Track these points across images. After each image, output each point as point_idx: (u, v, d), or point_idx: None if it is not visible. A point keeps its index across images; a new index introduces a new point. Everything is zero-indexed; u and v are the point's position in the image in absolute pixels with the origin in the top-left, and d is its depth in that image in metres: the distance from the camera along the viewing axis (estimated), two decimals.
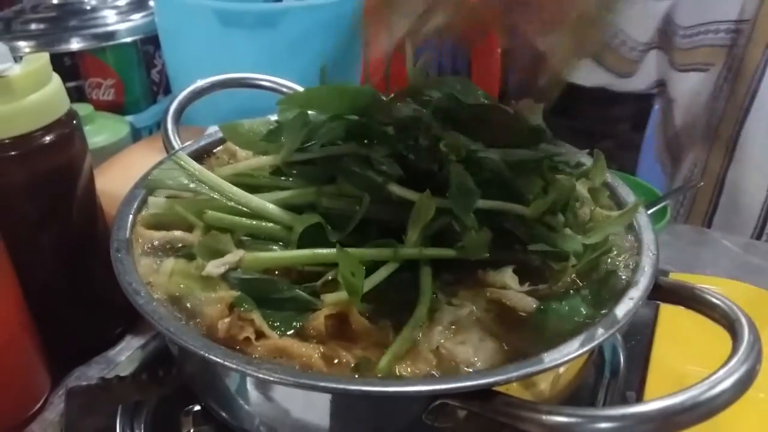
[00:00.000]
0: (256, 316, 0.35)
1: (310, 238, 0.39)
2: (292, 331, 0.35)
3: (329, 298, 0.36)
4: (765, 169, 0.80)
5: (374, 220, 0.40)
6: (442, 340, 0.35)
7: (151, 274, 0.39)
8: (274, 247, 0.40)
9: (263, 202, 0.41)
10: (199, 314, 0.36)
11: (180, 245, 0.41)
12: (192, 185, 0.42)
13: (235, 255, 0.37)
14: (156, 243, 0.41)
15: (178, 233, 0.41)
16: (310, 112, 0.44)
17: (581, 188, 0.45)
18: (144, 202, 0.44)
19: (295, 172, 0.44)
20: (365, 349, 0.35)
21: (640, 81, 0.96)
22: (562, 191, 0.40)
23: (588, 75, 0.98)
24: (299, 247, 0.39)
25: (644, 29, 0.90)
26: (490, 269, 0.39)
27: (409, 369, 0.34)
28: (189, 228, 0.42)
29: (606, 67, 0.96)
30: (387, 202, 0.40)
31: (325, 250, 0.38)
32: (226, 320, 0.34)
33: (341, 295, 0.35)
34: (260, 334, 0.34)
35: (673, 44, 0.89)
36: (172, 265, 0.38)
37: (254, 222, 0.41)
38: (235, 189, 0.41)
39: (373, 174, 0.40)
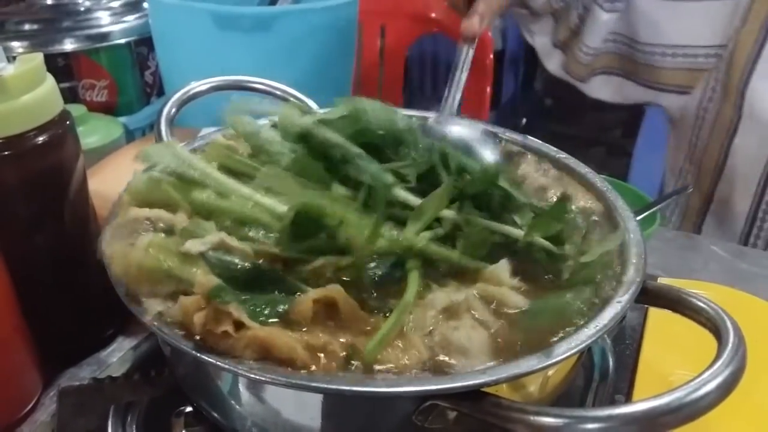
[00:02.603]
0: (234, 308, 0.32)
1: (303, 226, 0.37)
2: (276, 319, 0.34)
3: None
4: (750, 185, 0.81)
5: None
6: (434, 326, 0.35)
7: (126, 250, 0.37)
8: (261, 233, 0.38)
9: (252, 191, 0.40)
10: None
11: (161, 225, 0.40)
12: (181, 169, 0.41)
13: (215, 236, 0.36)
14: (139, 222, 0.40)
15: (162, 212, 0.40)
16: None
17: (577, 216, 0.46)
18: None
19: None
20: (354, 335, 0.34)
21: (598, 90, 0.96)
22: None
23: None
24: (291, 232, 0.37)
25: (595, 35, 0.90)
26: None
27: (399, 355, 0.33)
28: (174, 210, 0.40)
29: (568, 71, 0.97)
30: (388, 204, 0.41)
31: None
32: (201, 314, 0.32)
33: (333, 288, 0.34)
34: (240, 325, 0.32)
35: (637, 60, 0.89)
36: (149, 239, 0.37)
37: (242, 208, 0.39)
38: (224, 178, 0.41)
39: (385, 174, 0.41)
